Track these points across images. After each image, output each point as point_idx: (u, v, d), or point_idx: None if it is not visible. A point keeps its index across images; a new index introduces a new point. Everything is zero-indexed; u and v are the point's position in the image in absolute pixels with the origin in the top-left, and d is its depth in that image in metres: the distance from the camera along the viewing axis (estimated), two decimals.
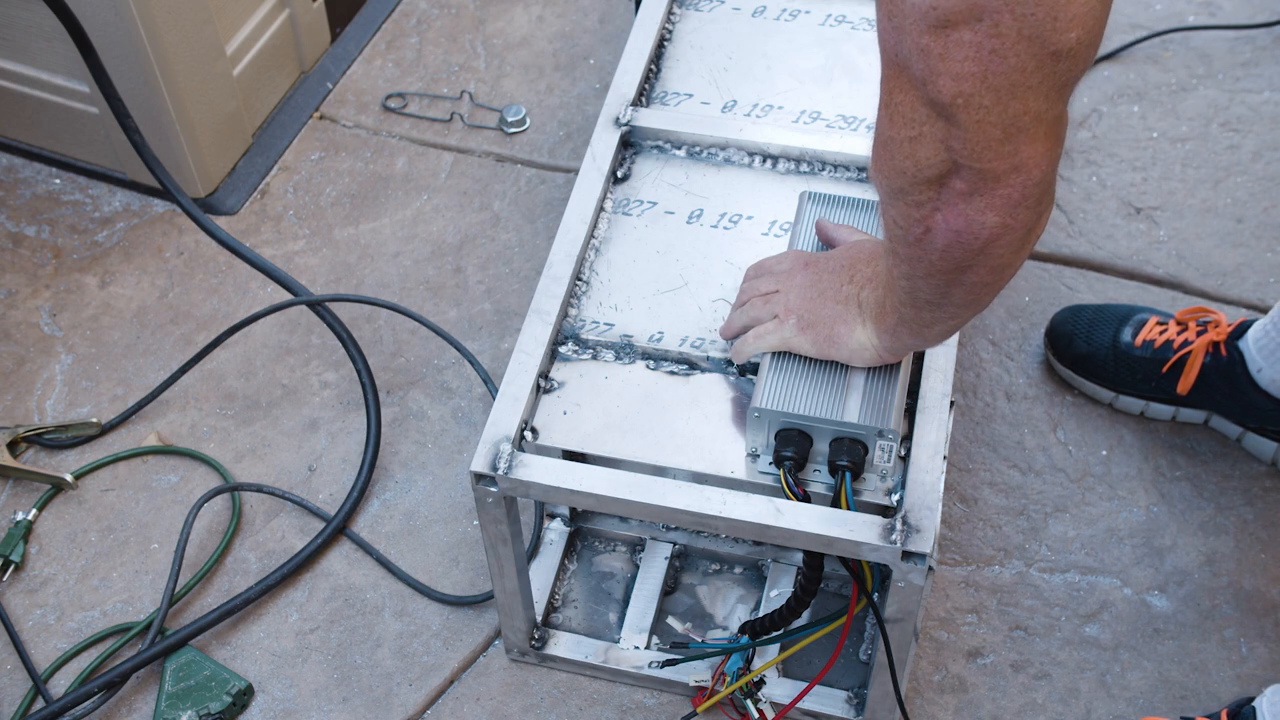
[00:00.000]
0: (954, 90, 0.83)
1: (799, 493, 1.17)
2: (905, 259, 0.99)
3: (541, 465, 1.21)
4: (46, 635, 1.50)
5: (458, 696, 1.45)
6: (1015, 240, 0.92)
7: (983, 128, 0.84)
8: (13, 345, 1.74)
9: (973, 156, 0.86)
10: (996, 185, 0.88)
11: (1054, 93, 0.83)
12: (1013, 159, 0.86)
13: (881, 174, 0.94)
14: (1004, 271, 0.96)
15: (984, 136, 0.85)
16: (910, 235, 0.95)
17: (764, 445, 1.20)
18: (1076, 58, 0.82)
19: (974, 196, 0.89)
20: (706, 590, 1.49)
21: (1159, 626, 1.47)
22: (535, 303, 1.32)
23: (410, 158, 1.94)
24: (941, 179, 0.89)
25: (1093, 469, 1.59)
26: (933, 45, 0.82)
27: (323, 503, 1.59)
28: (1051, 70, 0.81)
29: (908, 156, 0.90)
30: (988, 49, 0.80)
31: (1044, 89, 0.83)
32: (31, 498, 1.60)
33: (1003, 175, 0.87)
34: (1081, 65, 0.83)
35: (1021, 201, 0.89)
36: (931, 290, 1.00)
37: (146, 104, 1.74)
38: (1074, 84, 0.85)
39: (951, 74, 0.82)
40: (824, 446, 1.19)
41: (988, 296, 1.00)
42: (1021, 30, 0.79)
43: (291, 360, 1.72)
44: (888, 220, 0.98)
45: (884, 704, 1.33)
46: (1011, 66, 0.81)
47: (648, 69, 1.52)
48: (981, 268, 0.94)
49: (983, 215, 0.90)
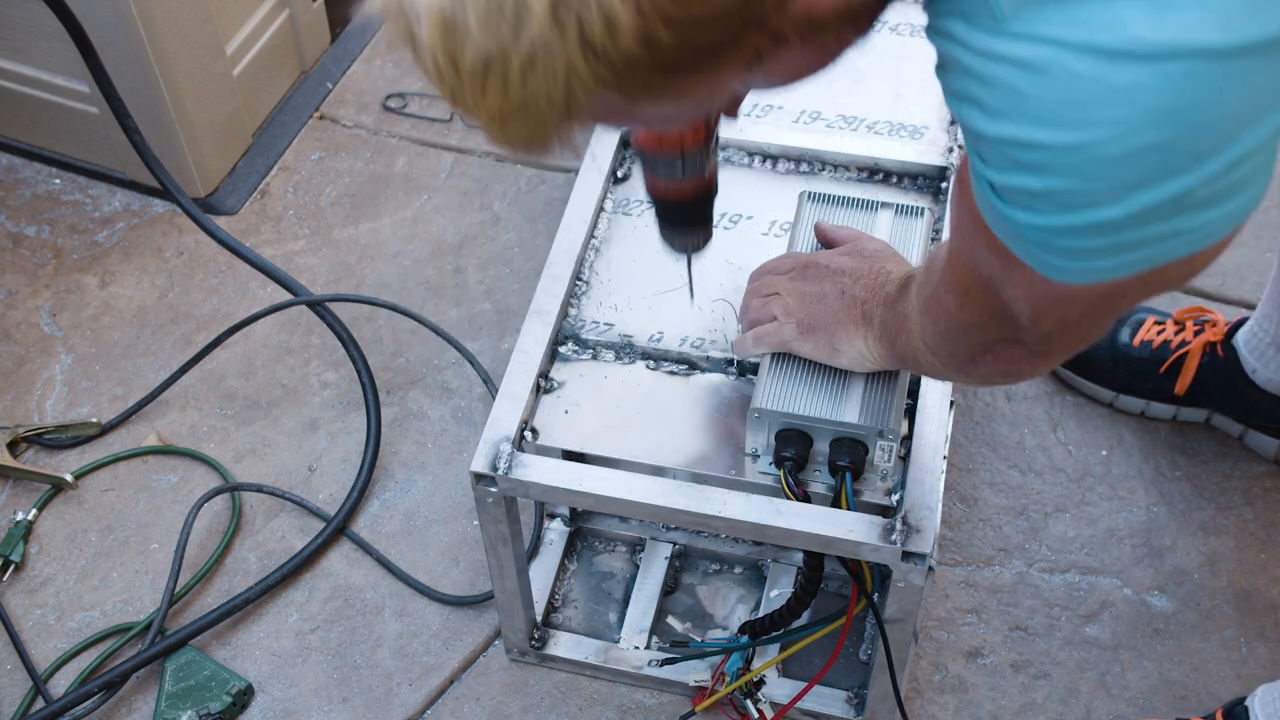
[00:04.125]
0: (1056, 327, 0.90)
1: (799, 493, 1.17)
2: (941, 357, 1.04)
3: (541, 465, 1.21)
4: (46, 635, 1.50)
5: (458, 696, 1.45)
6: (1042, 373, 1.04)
7: (1061, 339, 0.92)
8: (13, 345, 1.74)
9: (1039, 341, 0.93)
10: (1050, 358, 0.96)
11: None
12: (1071, 350, 0.95)
13: (935, 325, 1.02)
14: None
15: (1063, 341, 0.93)
16: (955, 358, 1.02)
17: (764, 446, 1.20)
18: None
19: (1027, 359, 0.96)
20: (706, 590, 1.49)
21: (1159, 626, 1.47)
22: (535, 303, 1.32)
23: (410, 158, 1.94)
24: (1001, 340, 0.95)
25: (1093, 469, 1.59)
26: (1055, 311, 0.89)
27: (323, 503, 1.59)
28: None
29: (977, 329, 0.96)
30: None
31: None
32: (31, 498, 1.60)
33: (1056, 354, 0.95)
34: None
35: (1066, 356, 0.97)
36: (950, 374, 1.09)
37: (146, 104, 1.74)
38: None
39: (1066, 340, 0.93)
40: (824, 447, 1.19)
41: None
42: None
43: (291, 360, 1.72)
44: (931, 331, 1.04)
45: (884, 704, 1.33)
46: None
47: None
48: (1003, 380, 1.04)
49: (1034, 365, 0.98)
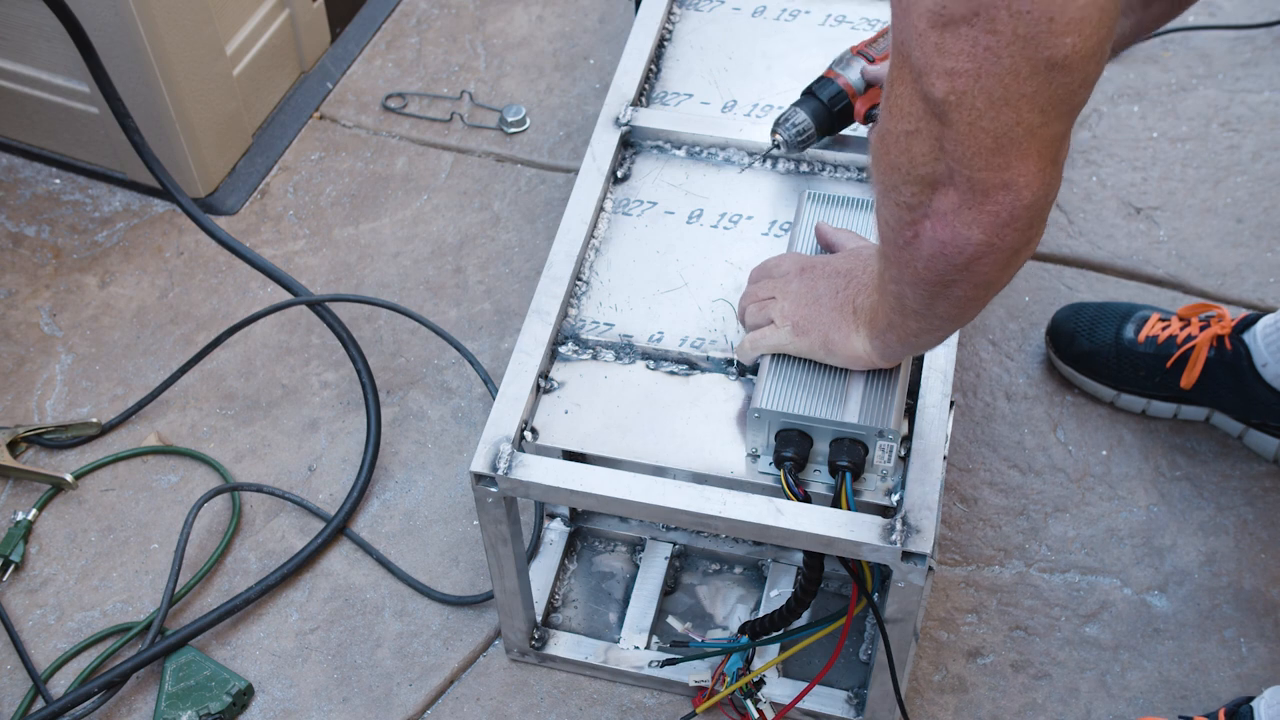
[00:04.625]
0: (948, 87, 0.82)
1: (799, 493, 1.17)
2: (894, 263, 0.98)
3: (541, 465, 1.21)
4: (46, 635, 1.50)
5: (458, 696, 1.45)
6: (1000, 260, 0.91)
7: (974, 132, 0.83)
8: (13, 345, 1.74)
9: (963, 162, 0.85)
10: (985, 201, 0.86)
11: (1051, 108, 0.82)
12: (1003, 174, 0.85)
13: (878, 168, 0.94)
14: (988, 289, 0.95)
15: (975, 143, 0.84)
16: (899, 238, 0.94)
17: (764, 446, 1.20)
18: (1073, 69, 0.80)
19: (962, 210, 0.88)
20: (706, 590, 1.49)
21: (1159, 626, 1.47)
22: (535, 303, 1.32)
23: (410, 158, 1.94)
24: (933, 183, 0.88)
25: (1093, 469, 1.59)
26: (932, 37, 0.81)
27: (323, 503, 1.59)
28: (1047, 80, 0.80)
29: (903, 151, 0.89)
30: (983, 46, 0.80)
31: (1039, 101, 0.81)
32: (31, 498, 1.60)
33: (991, 190, 0.86)
34: (1079, 79, 0.81)
35: (1009, 222, 0.87)
36: (917, 299, 1.00)
37: (146, 104, 1.74)
38: (1074, 103, 0.83)
39: (946, 69, 0.82)
40: (824, 447, 1.19)
41: (972, 311, 0.99)
42: (1017, 30, 0.78)
43: (291, 360, 1.72)
44: (880, 219, 0.98)
45: (884, 704, 1.33)
46: (1005, 69, 0.80)
47: (648, 69, 1.52)
48: (965, 283, 0.94)
49: (968, 230, 0.88)
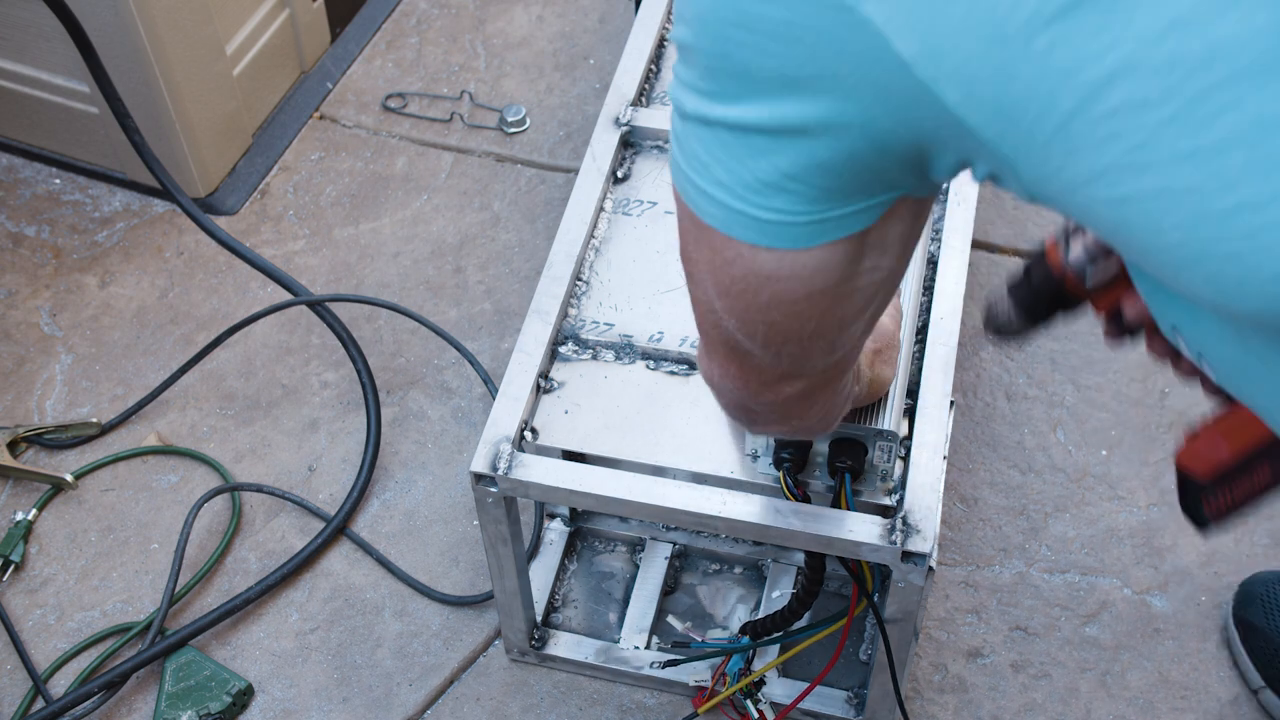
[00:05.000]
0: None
1: (799, 494, 1.17)
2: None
3: (541, 465, 1.21)
4: (46, 635, 1.50)
5: (458, 696, 1.45)
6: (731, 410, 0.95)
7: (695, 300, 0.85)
8: (13, 345, 1.74)
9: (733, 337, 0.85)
10: (749, 357, 0.86)
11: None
12: (706, 369, 0.90)
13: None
14: (736, 416, 0.96)
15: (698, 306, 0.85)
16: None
17: (764, 446, 1.20)
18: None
19: (733, 356, 0.87)
20: (706, 590, 1.49)
21: (1159, 626, 1.47)
22: (535, 303, 1.32)
23: (410, 158, 1.94)
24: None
25: (1093, 469, 1.59)
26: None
27: (323, 503, 1.59)
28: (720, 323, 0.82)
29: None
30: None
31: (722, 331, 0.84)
32: (31, 498, 1.60)
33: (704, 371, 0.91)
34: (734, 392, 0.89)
35: (721, 393, 0.92)
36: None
37: (146, 104, 1.74)
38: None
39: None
40: (824, 448, 1.19)
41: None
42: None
43: (291, 360, 1.72)
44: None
45: (884, 704, 1.33)
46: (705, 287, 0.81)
47: (648, 69, 1.52)
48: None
49: (745, 372, 0.88)
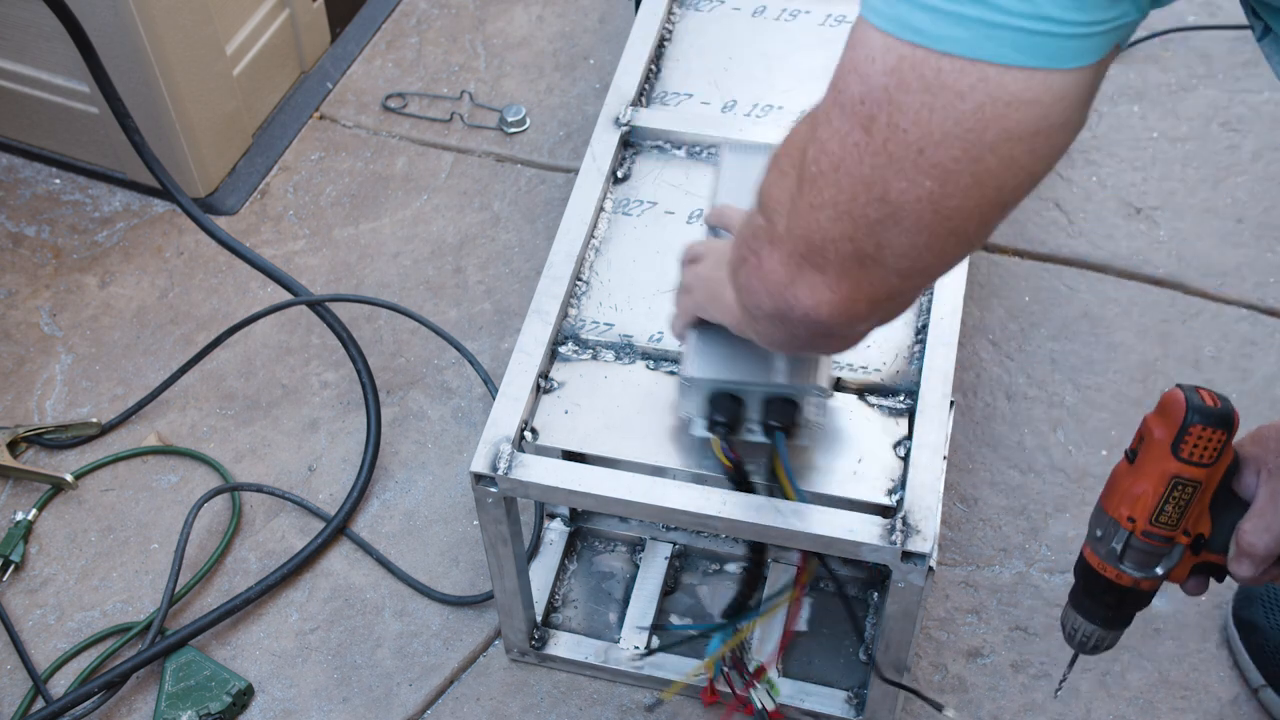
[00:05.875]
0: (814, 156, 0.81)
1: (733, 457, 1.18)
2: (731, 263, 0.98)
3: (541, 465, 1.21)
4: (46, 635, 1.50)
5: (458, 696, 1.45)
6: (787, 341, 0.93)
7: (806, 217, 0.83)
8: (13, 345, 1.74)
9: (791, 234, 0.84)
10: (787, 289, 0.86)
11: (868, 241, 0.81)
12: (799, 279, 0.85)
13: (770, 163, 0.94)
14: (789, 345, 0.96)
15: (803, 226, 0.83)
16: (735, 250, 0.95)
17: (697, 412, 1.21)
18: (905, 226, 0.79)
19: (782, 264, 0.86)
20: (706, 590, 1.49)
21: (1159, 626, 1.47)
22: (535, 303, 1.32)
23: (410, 158, 1.94)
24: (771, 228, 0.88)
25: (1093, 469, 1.59)
26: (828, 102, 0.80)
27: (323, 503, 1.59)
28: (880, 223, 0.79)
29: (774, 175, 0.90)
30: (851, 141, 0.78)
31: (860, 234, 0.80)
32: (31, 498, 1.60)
33: (791, 285, 0.86)
34: (906, 245, 0.80)
35: (801, 322, 0.87)
36: (737, 296, 1.00)
37: (146, 104, 1.74)
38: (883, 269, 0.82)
39: (821, 139, 0.80)
40: (757, 414, 1.19)
41: (790, 348, 0.99)
42: (886, 144, 0.76)
43: (291, 360, 1.72)
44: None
45: (884, 704, 1.33)
46: (857, 177, 0.78)
47: (648, 69, 1.52)
48: (764, 323, 0.93)
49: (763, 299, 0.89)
